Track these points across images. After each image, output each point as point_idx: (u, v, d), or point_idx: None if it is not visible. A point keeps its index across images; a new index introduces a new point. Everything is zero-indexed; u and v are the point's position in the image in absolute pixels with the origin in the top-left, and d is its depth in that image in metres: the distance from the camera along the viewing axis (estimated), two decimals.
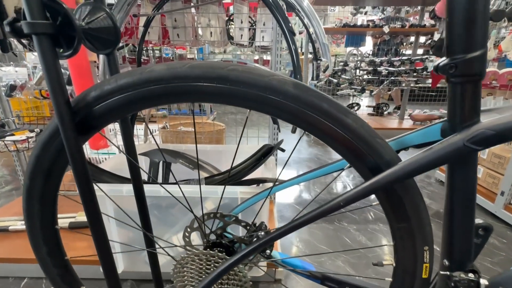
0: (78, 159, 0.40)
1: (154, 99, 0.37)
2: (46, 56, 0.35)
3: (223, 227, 0.53)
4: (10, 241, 1.04)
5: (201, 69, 0.34)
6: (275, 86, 0.34)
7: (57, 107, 0.37)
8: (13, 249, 1.00)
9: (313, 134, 0.36)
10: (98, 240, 0.45)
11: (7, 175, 1.87)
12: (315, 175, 0.45)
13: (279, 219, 1.37)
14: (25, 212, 0.48)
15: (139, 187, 0.56)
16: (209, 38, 1.18)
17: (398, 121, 3.23)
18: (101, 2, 0.43)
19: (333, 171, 0.43)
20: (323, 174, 0.44)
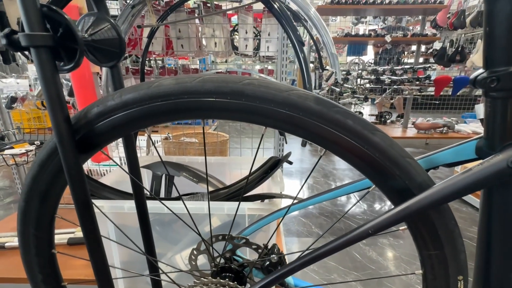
0: (77, 180, 0.36)
1: (161, 115, 0.34)
2: (45, 70, 0.32)
3: (233, 250, 0.49)
4: (6, 259, 0.99)
5: (214, 83, 0.32)
6: (295, 101, 0.31)
7: (56, 125, 0.34)
8: (9, 267, 0.95)
9: (335, 153, 0.33)
10: (97, 265, 0.41)
11: (7, 187, 1.84)
12: (337, 195, 0.41)
13: (285, 233, 1.33)
14: (20, 237, 0.44)
15: (142, 206, 0.53)
16: (214, 49, 1.17)
17: (402, 130, 3.20)
18: (106, 12, 0.41)
19: (355, 191, 0.40)
20: (345, 193, 0.41)
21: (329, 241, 0.33)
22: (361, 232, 0.31)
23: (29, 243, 0.45)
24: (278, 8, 0.76)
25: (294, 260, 0.35)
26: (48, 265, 0.47)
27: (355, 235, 0.31)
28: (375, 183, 0.34)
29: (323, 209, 1.55)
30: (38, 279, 0.48)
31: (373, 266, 1.09)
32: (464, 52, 2.92)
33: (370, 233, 0.31)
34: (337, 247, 0.32)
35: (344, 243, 0.32)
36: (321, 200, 0.43)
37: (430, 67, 2.86)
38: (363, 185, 0.40)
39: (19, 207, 0.42)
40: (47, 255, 0.46)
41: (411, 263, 1.10)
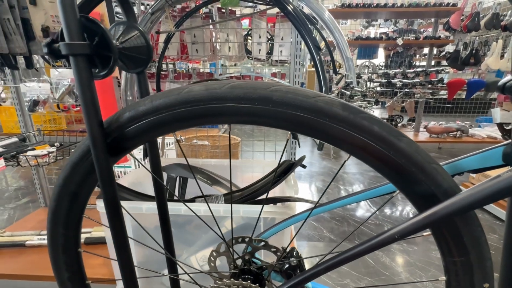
0: (108, 181, 0.38)
1: (190, 120, 0.35)
2: (82, 76, 0.34)
3: (252, 253, 0.50)
4: (26, 257, 1.03)
5: (242, 89, 0.33)
6: (322, 107, 0.31)
7: (90, 128, 0.35)
8: (29, 265, 0.98)
9: (361, 158, 0.33)
10: (123, 264, 0.42)
11: (24, 187, 1.90)
12: (359, 199, 0.41)
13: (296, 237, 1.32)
14: (49, 236, 0.46)
15: (163, 207, 0.54)
16: (227, 53, 1.18)
17: (413, 134, 3.15)
18: (134, 20, 0.43)
19: (378, 196, 0.40)
20: (367, 198, 0.41)
21: (354, 246, 0.34)
22: (387, 237, 0.31)
23: (57, 242, 0.47)
24: (294, 13, 0.77)
25: (317, 264, 0.36)
26: (74, 264, 0.49)
27: (381, 240, 0.31)
28: (400, 188, 0.34)
29: (334, 213, 1.54)
30: (65, 277, 0.50)
31: (387, 272, 1.07)
32: (479, 55, 2.87)
33: (396, 238, 0.31)
34: (362, 252, 0.32)
35: (369, 247, 0.32)
36: (343, 204, 0.43)
37: (443, 70, 2.81)
38: (386, 190, 0.40)
39: (49, 207, 0.44)
40: (74, 253, 0.48)
41: (426, 270, 1.08)
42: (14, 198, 1.73)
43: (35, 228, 1.20)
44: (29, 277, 0.95)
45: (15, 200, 1.69)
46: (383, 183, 0.40)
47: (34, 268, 0.97)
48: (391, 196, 0.37)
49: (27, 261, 1.00)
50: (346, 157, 1.46)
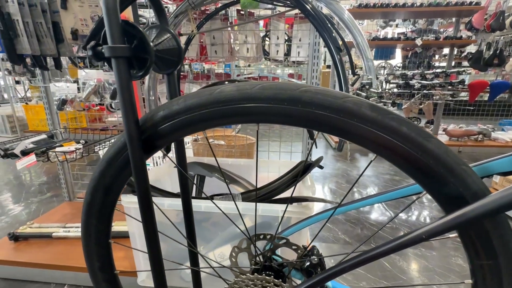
0: (142, 175, 0.40)
1: (220, 119, 0.36)
2: (122, 77, 0.36)
3: (273, 250, 0.51)
4: (52, 248, 1.08)
5: (272, 90, 0.34)
6: (350, 108, 0.32)
7: (127, 125, 0.37)
8: (56, 255, 1.03)
9: (388, 159, 0.34)
10: (153, 256, 0.44)
11: (48, 182, 1.99)
12: (383, 199, 0.42)
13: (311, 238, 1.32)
14: (83, 227, 0.49)
15: (187, 203, 0.56)
16: (246, 54, 1.20)
17: None
18: (166, 23, 0.45)
19: (403, 196, 0.40)
20: (391, 198, 0.41)
21: (378, 245, 0.34)
22: (415, 237, 0.31)
23: (90, 233, 0.49)
24: (314, 13, 0.77)
25: (340, 262, 0.36)
26: (105, 254, 0.52)
27: (408, 239, 0.32)
28: (427, 189, 0.34)
29: (349, 216, 1.53)
30: (95, 266, 0.53)
31: (404, 277, 1.06)
32: (503, 55, 2.75)
33: (423, 238, 0.31)
34: (388, 251, 0.33)
35: (395, 247, 0.32)
36: (367, 204, 0.43)
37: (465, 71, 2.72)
38: (410, 191, 0.40)
39: (85, 200, 0.47)
40: (105, 244, 0.51)
41: (445, 276, 1.05)
42: (39, 192, 1.82)
43: (60, 221, 1.27)
44: (55, 267, 1.00)
45: (40, 194, 1.78)
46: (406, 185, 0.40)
47: (60, 259, 1.02)
48: (417, 197, 0.37)
49: (53, 251, 1.06)
50: (361, 160, 1.48)
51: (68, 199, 1.49)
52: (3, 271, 1.03)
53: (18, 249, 1.07)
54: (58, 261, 1.01)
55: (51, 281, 1.02)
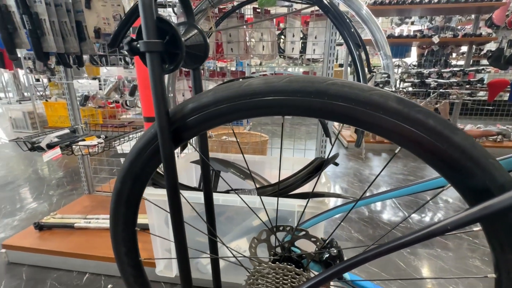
0: (170, 165, 0.42)
1: (247, 112, 0.38)
2: (155, 71, 0.38)
3: (292, 241, 0.52)
4: (74, 237, 1.13)
5: (299, 83, 0.35)
6: (376, 101, 0.33)
7: (158, 117, 0.39)
8: (78, 245, 1.08)
9: (413, 151, 0.34)
10: (179, 244, 0.46)
11: (67, 176, 2.07)
12: (405, 193, 0.42)
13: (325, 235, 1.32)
14: (112, 214, 0.52)
15: (209, 195, 0.58)
16: (261, 52, 1.21)
17: None
18: (193, 20, 0.47)
19: (426, 190, 0.40)
20: (414, 192, 0.41)
21: (402, 235, 0.35)
22: (440, 227, 0.32)
23: (118, 220, 0.52)
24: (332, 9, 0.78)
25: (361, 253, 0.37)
26: (131, 240, 0.54)
27: (434, 229, 0.32)
28: (452, 182, 0.35)
29: (362, 215, 1.52)
30: (122, 252, 0.55)
31: (418, 276, 1.05)
32: None
33: (448, 229, 0.32)
34: (412, 241, 0.33)
35: (420, 237, 0.33)
36: (388, 197, 0.44)
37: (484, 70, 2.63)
38: (434, 184, 0.40)
39: (114, 189, 0.50)
40: (131, 231, 0.53)
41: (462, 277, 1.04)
42: (59, 186, 1.89)
43: (81, 212, 1.32)
44: (77, 255, 1.05)
45: (60, 187, 1.86)
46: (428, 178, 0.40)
47: (82, 248, 1.06)
48: (441, 190, 0.37)
49: (75, 241, 1.11)
50: (374, 159, 1.47)
51: (88, 192, 1.54)
52: (29, 258, 1.08)
53: (43, 238, 1.13)
54: (80, 250, 1.05)
55: (73, 269, 1.07)
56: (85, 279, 1.02)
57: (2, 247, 1.10)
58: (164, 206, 0.88)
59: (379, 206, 1.62)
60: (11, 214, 1.49)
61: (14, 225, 1.38)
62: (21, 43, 1.03)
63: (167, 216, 0.90)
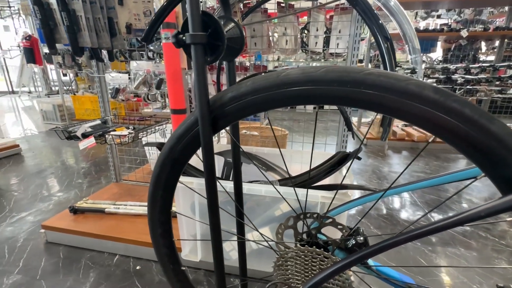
0: (209, 150, 0.45)
1: (284, 101, 0.40)
2: (198, 62, 0.41)
3: (319, 228, 0.54)
4: (105, 221, 1.21)
5: (336, 73, 0.36)
6: (413, 90, 0.34)
7: (200, 104, 0.42)
8: (108, 228, 1.16)
9: (447, 141, 0.35)
10: (214, 226, 0.50)
11: (95, 166, 2.19)
12: (436, 182, 0.43)
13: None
14: (150, 197, 0.56)
15: (238, 184, 0.61)
16: (284, 46, 1.23)
17: None
18: (230, 13, 0.49)
19: (458, 180, 0.41)
20: (445, 182, 0.42)
21: (433, 221, 0.36)
22: (473, 214, 0.33)
23: (156, 202, 0.56)
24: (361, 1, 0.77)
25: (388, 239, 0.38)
26: (167, 222, 0.58)
27: (467, 216, 0.33)
28: (486, 171, 0.35)
29: (380, 211, 1.50)
30: (158, 233, 0.60)
31: (440, 274, 1.03)
32: None
33: (481, 215, 0.33)
34: (442, 227, 0.34)
35: (453, 223, 0.34)
36: (418, 187, 0.45)
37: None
38: (470, 174, 0.40)
39: (153, 173, 0.54)
40: (167, 213, 0.57)
41: (487, 277, 1.01)
42: (88, 174, 2.01)
43: (110, 199, 1.40)
44: (108, 238, 1.12)
45: (89, 176, 1.97)
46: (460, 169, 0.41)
47: (112, 231, 1.14)
48: (473, 180, 0.38)
49: (106, 225, 1.18)
50: (394, 157, 1.45)
51: (115, 180, 1.63)
52: (66, 238, 1.17)
53: (77, 220, 1.21)
54: (110, 233, 1.12)
55: (104, 251, 1.14)
56: (116, 260, 1.09)
57: (42, 227, 1.19)
58: (191, 193, 0.93)
59: (398, 204, 1.60)
60: (46, 199, 1.60)
61: (50, 209, 1.49)
62: (60, 38, 1.11)
63: (192, 203, 0.94)
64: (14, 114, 4.51)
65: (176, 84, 1.06)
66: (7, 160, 2.29)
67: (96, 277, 1.00)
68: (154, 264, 1.07)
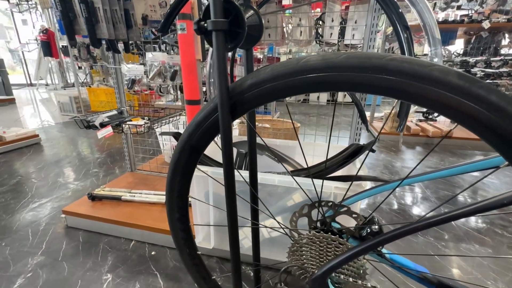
0: (227, 137, 0.46)
1: (303, 87, 0.40)
2: (219, 48, 0.41)
3: (333, 216, 0.55)
4: (121, 208, 1.25)
5: (357, 59, 0.36)
6: (437, 76, 0.33)
7: (220, 91, 0.43)
8: (125, 215, 1.20)
9: (471, 128, 0.34)
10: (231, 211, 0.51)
11: (110, 156, 2.25)
12: (457, 172, 0.42)
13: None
14: (169, 182, 0.58)
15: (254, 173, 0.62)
16: (299, 37, 1.21)
17: None
18: (250, 1, 0.49)
19: (479, 169, 0.40)
20: (468, 171, 0.41)
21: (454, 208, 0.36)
22: (496, 201, 0.32)
23: (174, 188, 0.58)
24: None
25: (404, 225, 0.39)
26: (184, 207, 0.60)
27: (489, 203, 0.33)
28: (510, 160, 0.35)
29: (392, 205, 1.49)
30: (175, 217, 0.62)
31: (454, 270, 1.02)
32: None
33: (505, 203, 0.32)
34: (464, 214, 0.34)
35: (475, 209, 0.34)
36: (437, 176, 0.44)
37: None
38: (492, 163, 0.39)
39: (172, 158, 0.55)
40: (185, 198, 0.59)
41: (502, 274, 0.99)
42: (104, 164, 2.07)
43: (125, 187, 1.45)
44: (125, 224, 1.16)
45: (105, 165, 2.03)
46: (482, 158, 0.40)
47: (129, 218, 1.18)
48: (496, 169, 0.37)
49: (123, 212, 1.22)
50: (407, 152, 1.43)
51: (130, 170, 1.68)
52: (85, 223, 1.22)
53: (95, 207, 1.26)
54: (127, 219, 1.17)
55: (121, 236, 1.19)
56: (132, 245, 1.13)
57: (62, 212, 1.25)
58: (205, 182, 0.95)
59: (409, 199, 1.58)
60: (65, 186, 1.67)
61: (68, 196, 1.55)
62: (79, 29, 1.14)
63: (207, 192, 0.97)
64: (32, 106, 4.67)
65: (191, 75, 1.07)
66: (27, 149, 2.38)
67: (114, 260, 1.05)
68: (168, 250, 1.11)
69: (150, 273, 0.99)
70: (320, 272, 0.44)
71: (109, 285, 0.93)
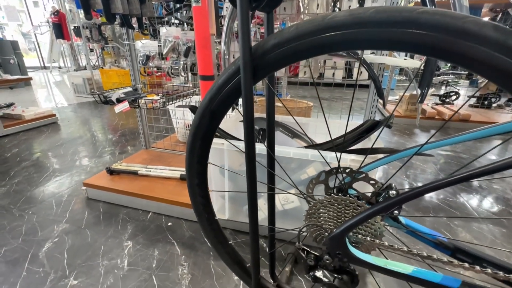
0: (249, 100, 0.47)
1: (328, 46, 0.39)
2: (243, 8, 0.41)
3: (350, 183, 0.55)
4: (138, 182, 1.30)
5: (386, 13, 0.35)
6: (471, 29, 0.32)
7: (243, 51, 0.43)
8: (142, 188, 1.24)
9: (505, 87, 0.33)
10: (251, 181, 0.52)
11: (124, 135, 2.30)
12: (477, 136, 0.41)
13: None
14: (189, 147, 0.59)
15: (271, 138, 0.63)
16: (315, 11, 1.18)
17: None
18: None
19: (501, 133, 0.39)
20: (488, 135, 0.40)
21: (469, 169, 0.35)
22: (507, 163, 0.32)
23: (194, 153, 0.59)
24: None
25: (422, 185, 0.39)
26: (203, 173, 0.62)
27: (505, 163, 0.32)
28: None
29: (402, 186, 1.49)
30: (194, 183, 0.64)
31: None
32: None
33: None
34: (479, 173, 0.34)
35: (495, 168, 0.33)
36: (458, 141, 0.44)
37: None
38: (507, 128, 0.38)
39: (193, 123, 0.56)
40: (204, 164, 0.61)
41: None
42: (119, 142, 2.13)
43: (141, 163, 1.49)
44: (142, 196, 1.21)
45: (120, 143, 2.09)
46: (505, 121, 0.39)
47: (145, 191, 1.22)
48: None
49: (140, 185, 1.27)
50: (420, 135, 1.39)
51: (145, 147, 1.72)
52: (104, 196, 1.28)
53: (114, 180, 1.31)
54: (144, 192, 1.21)
55: (139, 208, 1.24)
56: (149, 217, 1.19)
57: (83, 185, 1.30)
58: (220, 154, 0.96)
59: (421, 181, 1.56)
60: (83, 162, 1.73)
61: (88, 170, 1.61)
62: (95, 3, 1.13)
63: (222, 165, 0.99)
64: (46, 88, 4.77)
65: (205, 49, 1.07)
66: (46, 128, 2.46)
67: (133, 229, 1.10)
68: (184, 222, 1.15)
69: (167, 242, 1.03)
70: (339, 230, 0.45)
71: (129, 251, 0.98)
